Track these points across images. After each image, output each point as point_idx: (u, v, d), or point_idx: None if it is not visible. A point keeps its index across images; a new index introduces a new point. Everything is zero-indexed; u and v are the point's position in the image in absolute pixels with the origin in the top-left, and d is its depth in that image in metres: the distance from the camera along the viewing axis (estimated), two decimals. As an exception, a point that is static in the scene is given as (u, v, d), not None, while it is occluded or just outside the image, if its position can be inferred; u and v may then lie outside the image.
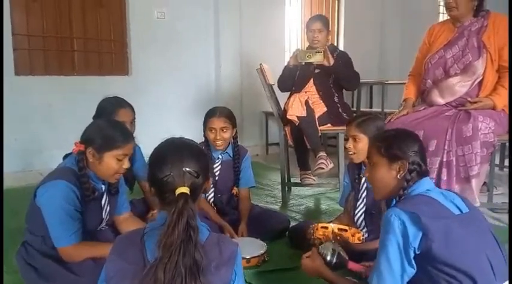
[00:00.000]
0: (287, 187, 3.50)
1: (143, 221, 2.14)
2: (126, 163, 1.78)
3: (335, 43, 6.02)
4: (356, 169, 2.24)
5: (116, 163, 1.75)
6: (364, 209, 2.17)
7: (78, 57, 4.16)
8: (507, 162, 3.84)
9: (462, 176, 2.50)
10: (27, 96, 3.79)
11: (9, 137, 3.56)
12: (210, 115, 2.53)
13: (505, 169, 3.99)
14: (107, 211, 1.90)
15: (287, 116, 3.10)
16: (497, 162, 3.76)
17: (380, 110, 5.34)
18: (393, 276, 1.32)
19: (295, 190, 3.61)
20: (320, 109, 3.21)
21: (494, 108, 2.60)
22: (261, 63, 3.34)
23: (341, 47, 5.77)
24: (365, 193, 2.16)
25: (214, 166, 2.56)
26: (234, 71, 4.96)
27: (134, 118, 2.43)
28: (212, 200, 2.59)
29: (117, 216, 2.01)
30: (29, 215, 1.79)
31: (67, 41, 4.08)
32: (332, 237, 2.00)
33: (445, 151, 2.51)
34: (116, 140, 1.74)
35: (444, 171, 2.52)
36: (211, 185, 2.42)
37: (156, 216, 1.28)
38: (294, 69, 3.34)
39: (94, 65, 4.25)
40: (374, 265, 1.40)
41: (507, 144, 3.17)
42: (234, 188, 2.65)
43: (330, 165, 3.10)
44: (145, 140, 2.21)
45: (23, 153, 3.78)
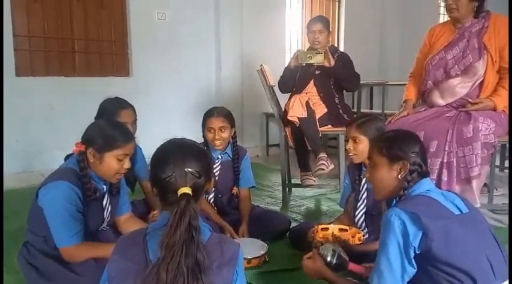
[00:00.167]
0: (287, 188, 3.50)
1: (144, 222, 2.14)
2: (127, 163, 1.78)
3: (335, 44, 6.03)
4: (356, 170, 2.24)
5: (117, 163, 1.75)
6: (364, 210, 2.17)
7: (79, 58, 4.15)
8: (507, 163, 3.83)
9: (463, 177, 2.51)
10: (28, 97, 3.79)
11: (10, 138, 3.56)
12: (208, 115, 2.54)
13: (506, 170, 3.99)
14: (109, 211, 1.90)
15: (288, 117, 3.10)
16: (497, 163, 3.76)
17: (380, 111, 5.35)
18: (393, 276, 1.33)
19: (295, 191, 3.61)
20: (321, 110, 3.22)
21: (494, 109, 2.61)
22: (262, 64, 3.34)
23: (341, 48, 5.77)
24: (365, 194, 2.17)
25: (214, 166, 2.56)
26: (235, 72, 4.96)
27: (136, 119, 2.44)
28: (212, 200, 2.59)
29: (118, 217, 2.02)
30: (31, 215, 1.80)
31: (68, 42, 4.08)
32: (332, 240, 2.00)
33: (446, 152, 2.52)
34: (116, 140, 1.75)
35: (445, 172, 2.53)
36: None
37: (157, 217, 1.28)
38: (295, 70, 3.34)
39: (95, 66, 4.24)
40: (374, 265, 1.41)
41: (507, 145, 3.17)
42: (234, 188, 2.65)
43: (331, 166, 3.10)
44: (146, 141, 2.21)
45: (24, 154, 3.77)
